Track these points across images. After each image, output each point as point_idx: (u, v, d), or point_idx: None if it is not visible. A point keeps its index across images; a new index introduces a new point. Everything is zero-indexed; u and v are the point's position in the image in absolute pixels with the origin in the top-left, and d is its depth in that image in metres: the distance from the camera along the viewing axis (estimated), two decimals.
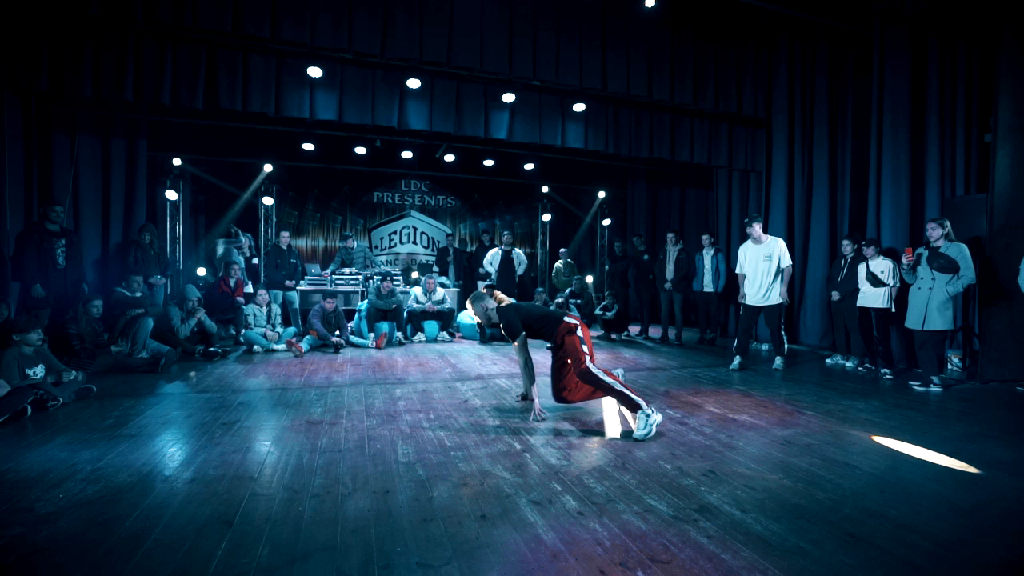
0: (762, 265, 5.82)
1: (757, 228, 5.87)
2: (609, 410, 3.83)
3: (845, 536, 2.07)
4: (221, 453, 2.79)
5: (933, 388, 4.81)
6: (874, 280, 5.66)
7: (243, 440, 3.03)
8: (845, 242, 6.26)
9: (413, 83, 6.57)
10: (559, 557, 1.86)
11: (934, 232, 4.92)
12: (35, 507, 2.14)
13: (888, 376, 5.42)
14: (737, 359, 5.74)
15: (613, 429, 3.42)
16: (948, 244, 4.86)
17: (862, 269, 5.80)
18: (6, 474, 2.49)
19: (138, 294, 5.73)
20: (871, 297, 5.70)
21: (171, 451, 2.85)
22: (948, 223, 4.95)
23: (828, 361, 6.31)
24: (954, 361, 5.85)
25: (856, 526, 2.15)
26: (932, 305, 4.83)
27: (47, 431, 3.13)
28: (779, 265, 5.76)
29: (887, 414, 3.94)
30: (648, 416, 3.24)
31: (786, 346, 5.93)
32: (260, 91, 6.13)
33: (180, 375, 4.89)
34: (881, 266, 5.64)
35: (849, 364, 6.08)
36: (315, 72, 6.19)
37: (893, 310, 5.61)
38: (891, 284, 5.57)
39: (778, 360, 5.84)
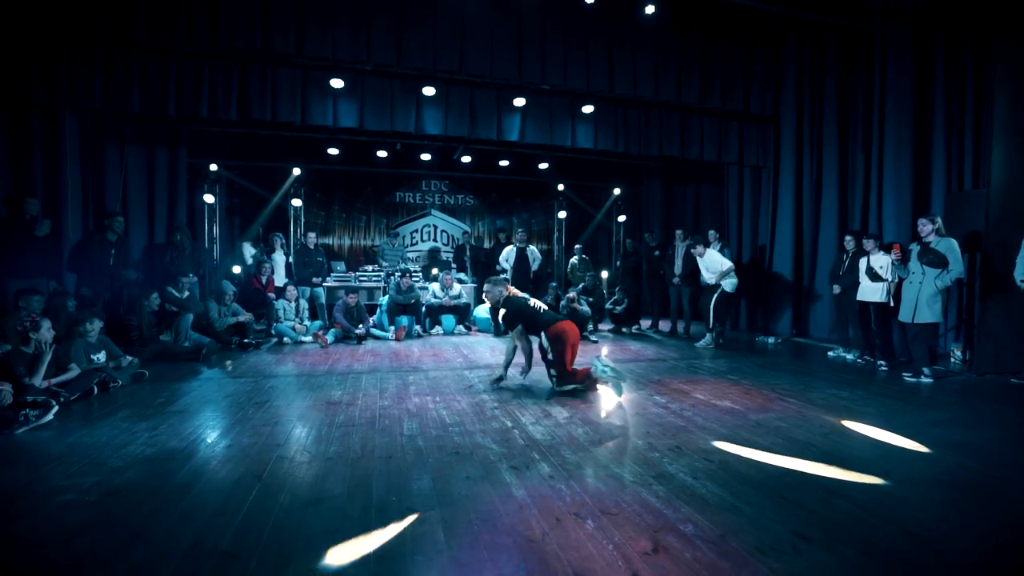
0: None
1: (700, 248, 7.20)
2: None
3: (778, 499, 2.38)
4: (253, 426, 3.27)
5: (924, 379, 4.97)
6: (872, 275, 5.81)
7: (272, 416, 3.51)
8: (848, 237, 6.42)
9: (428, 91, 6.99)
10: (524, 508, 2.24)
11: (924, 228, 5.07)
12: (108, 462, 2.65)
13: (884, 368, 5.58)
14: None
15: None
16: (938, 239, 5.00)
17: (863, 263, 5.95)
18: (83, 438, 3.03)
19: (185, 294, 6.25)
20: (870, 291, 5.85)
21: (212, 424, 3.35)
22: (939, 219, 5.09)
23: (830, 354, 6.47)
24: (956, 354, 5.96)
25: (791, 491, 2.46)
26: (922, 299, 4.99)
27: (110, 407, 3.69)
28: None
29: (866, 402, 4.17)
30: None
31: (701, 324, 7.04)
32: (287, 102, 6.66)
33: (218, 363, 5.45)
34: (880, 261, 5.78)
35: (850, 357, 6.23)
36: (337, 83, 6.67)
37: (891, 304, 5.75)
38: (890, 279, 5.71)
39: (706, 337, 6.86)
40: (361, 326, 7.06)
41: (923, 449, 3.06)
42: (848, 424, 3.54)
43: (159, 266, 7.00)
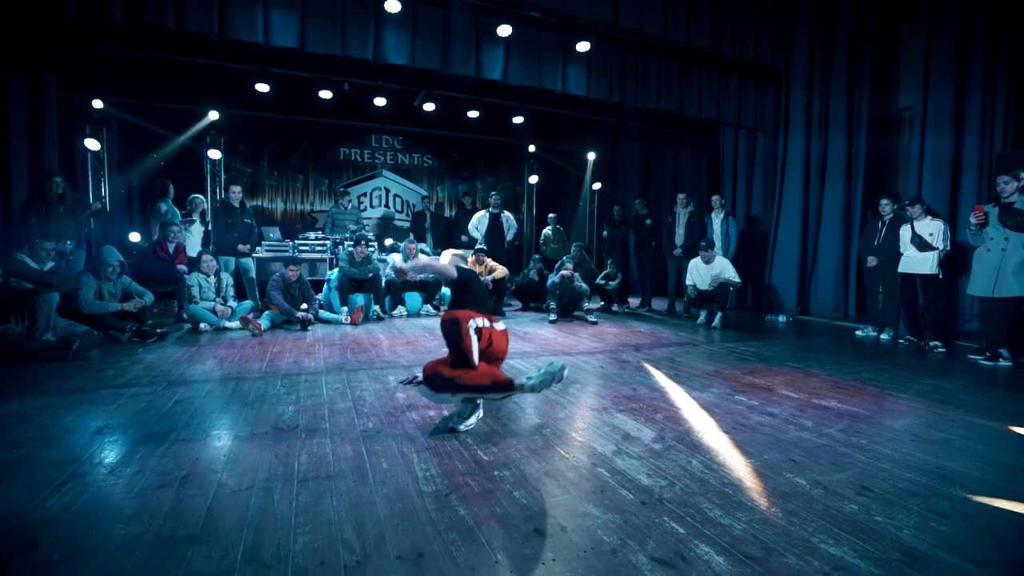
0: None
1: (708, 253, 6.31)
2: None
3: None
4: (141, 490, 1.80)
5: (1003, 363, 4.27)
6: (921, 243, 5.04)
7: (178, 464, 2.03)
8: (884, 201, 5.63)
9: (392, 6, 5.43)
10: None
11: (1007, 186, 4.29)
12: None
13: (940, 350, 4.84)
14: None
15: None
16: (1023, 198, 4.25)
17: (905, 232, 5.19)
18: None
19: (48, 264, 4.34)
20: (917, 262, 5.10)
21: (54, 490, 1.83)
22: (1023, 174, 4.33)
23: (858, 333, 5.75)
24: None
25: None
26: (1007, 268, 4.22)
27: None
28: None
29: (988, 395, 3.31)
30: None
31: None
32: (198, 5, 4.88)
33: (99, 363, 3.75)
34: (930, 228, 5.03)
35: (884, 336, 5.53)
36: None
37: (941, 276, 5.03)
38: (941, 247, 4.97)
39: (718, 315, 6.13)
40: (305, 307, 5.50)
41: None
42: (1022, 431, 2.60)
43: (21, 231, 4.92)
